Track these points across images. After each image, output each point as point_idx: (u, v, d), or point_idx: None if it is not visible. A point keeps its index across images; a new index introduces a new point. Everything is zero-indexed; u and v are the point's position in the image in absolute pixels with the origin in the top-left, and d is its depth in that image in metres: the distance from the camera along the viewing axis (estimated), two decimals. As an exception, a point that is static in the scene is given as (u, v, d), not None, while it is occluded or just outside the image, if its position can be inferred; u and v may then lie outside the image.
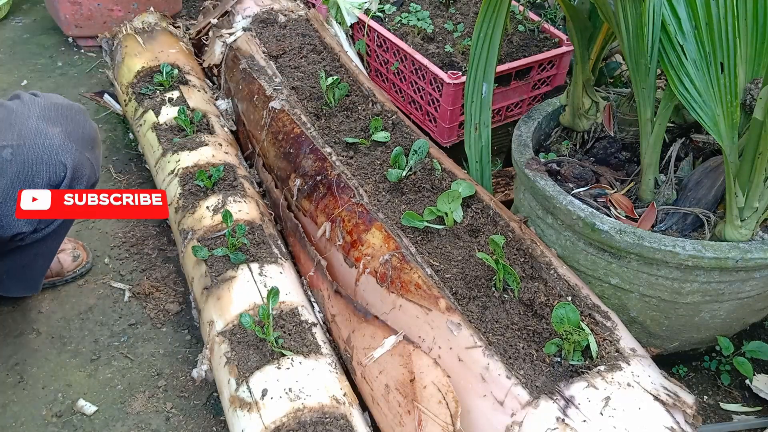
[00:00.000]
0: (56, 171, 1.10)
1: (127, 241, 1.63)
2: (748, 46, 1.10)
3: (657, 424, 0.90)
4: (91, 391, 1.30)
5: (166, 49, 1.88)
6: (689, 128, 1.36)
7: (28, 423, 1.23)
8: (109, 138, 1.98)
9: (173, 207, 1.44)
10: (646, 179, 1.25)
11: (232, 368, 1.09)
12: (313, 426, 0.99)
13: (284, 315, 1.17)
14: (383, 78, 1.88)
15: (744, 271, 1.10)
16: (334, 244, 1.29)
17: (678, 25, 1.11)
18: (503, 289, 1.10)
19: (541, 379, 0.95)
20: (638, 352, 1.00)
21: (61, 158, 1.10)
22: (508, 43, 1.76)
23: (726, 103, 1.10)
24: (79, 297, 1.49)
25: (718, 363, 1.38)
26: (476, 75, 1.35)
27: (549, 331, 1.02)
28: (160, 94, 1.73)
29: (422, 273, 1.11)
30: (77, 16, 2.31)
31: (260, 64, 1.72)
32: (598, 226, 1.12)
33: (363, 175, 1.36)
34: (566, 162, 1.35)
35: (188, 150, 1.53)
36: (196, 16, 2.46)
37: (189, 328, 1.43)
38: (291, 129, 1.51)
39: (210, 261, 1.27)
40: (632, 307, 1.20)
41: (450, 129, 1.66)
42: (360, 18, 1.87)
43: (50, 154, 1.09)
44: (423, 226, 1.20)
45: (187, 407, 1.28)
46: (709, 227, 1.18)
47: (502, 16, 1.27)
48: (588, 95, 1.39)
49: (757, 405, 1.33)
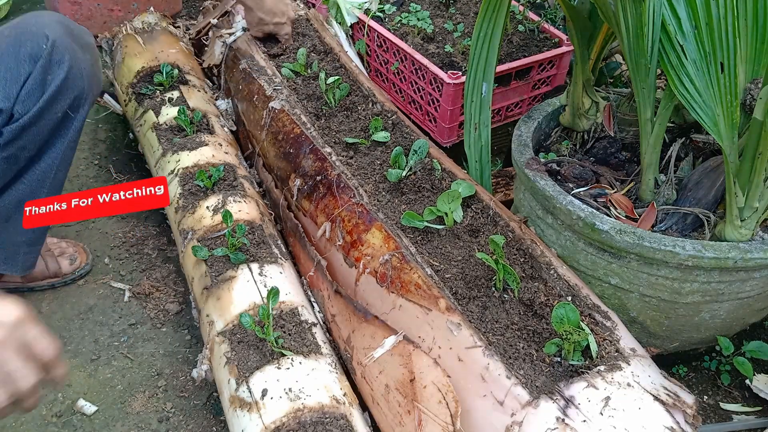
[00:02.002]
0: (39, 42, 1.15)
1: (127, 241, 1.63)
2: (748, 46, 1.10)
3: (657, 424, 0.90)
4: (91, 391, 1.30)
5: (166, 49, 1.88)
6: (689, 128, 1.36)
7: (28, 423, 1.23)
8: (109, 138, 1.98)
9: (173, 207, 1.44)
10: (646, 179, 1.25)
11: (232, 368, 1.09)
12: (313, 426, 0.99)
13: (284, 315, 1.17)
14: (383, 78, 1.88)
15: (744, 271, 1.10)
16: (334, 244, 1.29)
17: (678, 25, 1.11)
18: (503, 289, 1.10)
19: (541, 379, 0.95)
20: (638, 352, 1.00)
21: (46, 31, 1.16)
22: (508, 43, 1.76)
23: (726, 103, 1.10)
24: (79, 297, 1.49)
25: (718, 363, 1.38)
26: (476, 75, 1.35)
27: (549, 331, 1.02)
28: (160, 94, 1.73)
29: (422, 273, 1.11)
30: (77, 16, 2.31)
31: (260, 64, 1.72)
32: (598, 226, 1.12)
33: (363, 175, 1.36)
34: (566, 162, 1.35)
35: (188, 150, 1.53)
36: (196, 16, 2.46)
37: (189, 328, 1.43)
38: (291, 129, 1.51)
39: (210, 261, 1.27)
40: (632, 307, 1.20)
41: (450, 129, 1.66)
42: (360, 18, 1.87)
43: (38, 27, 1.17)
44: (423, 226, 1.20)
45: (187, 407, 1.28)
46: (709, 227, 1.18)
47: (502, 16, 1.27)
48: (588, 95, 1.39)
49: (757, 405, 1.33)
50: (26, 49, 1.14)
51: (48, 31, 1.16)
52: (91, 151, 1.91)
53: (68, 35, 1.20)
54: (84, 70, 1.23)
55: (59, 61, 1.17)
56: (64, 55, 1.18)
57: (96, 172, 1.85)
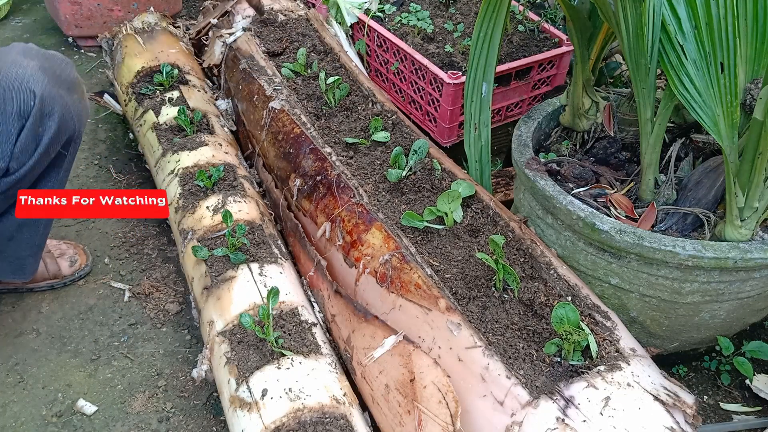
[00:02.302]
0: (26, 99, 1.10)
1: (127, 241, 1.63)
2: (748, 46, 1.10)
3: (657, 424, 0.90)
4: (91, 391, 1.30)
5: (166, 49, 1.88)
6: (689, 128, 1.36)
7: (28, 423, 1.24)
8: (109, 138, 1.98)
9: (173, 207, 1.44)
10: (646, 179, 1.25)
11: (232, 368, 1.09)
12: (313, 426, 0.99)
13: (284, 315, 1.17)
14: (383, 78, 1.88)
15: (744, 271, 1.10)
16: (334, 244, 1.29)
17: (678, 25, 1.11)
18: (503, 289, 1.10)
19: (541, 379, 0.95)
20: (638, 352, 1.00)
21: (31, 86, 1.11)
22: (508, 43, 1.76)
23: (726, 103, 1.10)
24: (79, 297, 1.49)
25: (718, 363, 1.38)
26: (476, 75, 1.35)
27: (549, 331, 1.02)
28: (160, 94, 1.73)
29: (422, 273, 1.11)
30: (77, 16, 2.31)
31: (260, 64, 1.72)
32: (598, 226, 1.12)
33: (363, 175, 1.36)
34: (566, 162, 1.35)
35: (188, 150, 1.53)
36: (196, 16, 2.46)
37: (189, 328, 1.43)
38: (291, 129, 1.51)
39: (210, 261, 1.27)
40: (632, 307, 1.20)
41: (450, 129, 1.66)
42: (360, 18, 1.87)
43: (21, 81, 1.10)
44: (423, 226, 1.20)
45: (187, 407, 1.28)
46: (709, 227, 1.18)
47: (502, 16, 1.27)
48: (588, 95, 1.39)
49: (757, 405, 1.33)
50: (12, 108, 1.10)
51: (33, 86, 1.11)
52: (91, 151, 1.91)
53: (53, 82, 1.15)
54: (74, 112, 1.20)
55: (49, 113, 1.14)
56: (53, 107, 1.14)
57: (96, 172, 1.85)
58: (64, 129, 1.17)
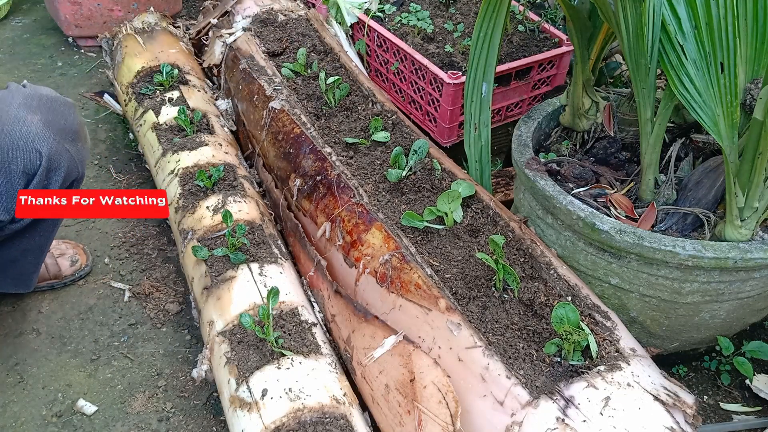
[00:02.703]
0: (31, 158, 1.09)
1: (127, 241, 1.63)
2: (748, 46, 1.10)
3: (657, 424, 0.90)
4: (91, 391, 1.30)
5: (166, 49, 1.88)
6: (689, 128, 1.36)
7: (28, 423, 1.24)
8: (109, 138, 1.98)
9: (173, 207, 1.44)
10: (646, 179, 1.25)
11: (232, 368, 1.09)
12: (313, 426, 0.99)
13: (284, 315, 1.17)
14: (383, 78, 1.88)
15: (744, 271, 1.10)
16: (334, 244, 1.29)
17: (678, 25, 1.11)
18: (503, 289, 1.10)
19: (541, 379, 0.95)
20: (638, 352, 1.00)
21: (36, 146, 1.09)
22: (508, 43, 1.76)
23: (726, 103, 1.10)
24: (79, 297, 1.49)
25: (718, 363, 1.38)
26: (476, 75, 1.35)
27: (549, 331, 1.02)
28: (160, 94, 1.73)
29: (422, 273, 1.11)
30: (77, 16, 2.31)
31: (260, 64, 1.72)
32: (598, 226, 1.12)
33: (363, 175, 1.36)
34: (566, 162, 1.35)
35: (188, 150, 1.53)
36: (196, 16, 2.46)
37: (189, 328, 1.43)
38: (291, 129, 1.51)
39: (210, 261, 1.27)
40: (632, 307, 1.20)
41: (450, 129, 1.66)
42: (360, 18, 1.87)
43: (26, 141, 1.08)
44: (423, 226, 1.20)
45: (187, 407, 1.28)
46: (709, 227, 1.18)
47: (502, 16, 1.27)
48: (588, 95, 1.39)
49: (757, 405, 1.33)
50: (18, 166, 1.08)
51: (39, 146, 1.09)
52: (91, 151, 1.91)
53: (59, 137, 1.13)
54: (78, 160, 1.20)
55: (56, 168, 1.13)
56: (60, 162, 1.14)
57: (96, 172, 1.85)
58: (69, 176, 1.18)
